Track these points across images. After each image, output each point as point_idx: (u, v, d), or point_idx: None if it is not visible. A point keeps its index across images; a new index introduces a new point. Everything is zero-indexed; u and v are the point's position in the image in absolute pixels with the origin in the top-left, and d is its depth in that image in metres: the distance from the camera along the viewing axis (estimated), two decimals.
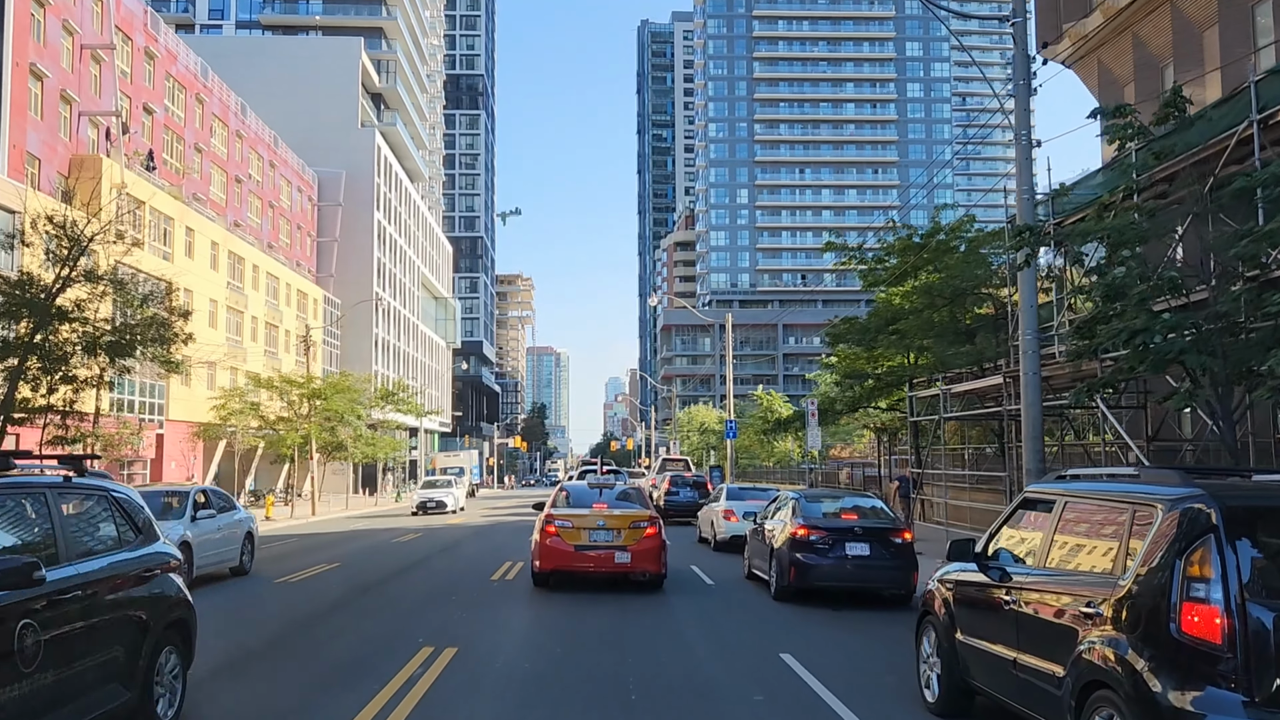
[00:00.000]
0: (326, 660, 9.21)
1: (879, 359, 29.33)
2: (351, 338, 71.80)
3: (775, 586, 13.48)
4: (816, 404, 28.49)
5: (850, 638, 10.88)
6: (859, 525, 13.13)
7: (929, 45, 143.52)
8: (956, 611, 7.19)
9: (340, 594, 14.05)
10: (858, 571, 12.81)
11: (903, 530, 13.28)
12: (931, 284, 22.82)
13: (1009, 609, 6.27)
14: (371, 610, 12.49)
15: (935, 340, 23.33)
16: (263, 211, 60.39)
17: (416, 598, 13.53)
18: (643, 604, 12.99)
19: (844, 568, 12.76)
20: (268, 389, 39.16)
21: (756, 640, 10.51)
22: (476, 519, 35.33)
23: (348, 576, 16.24)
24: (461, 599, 13.33)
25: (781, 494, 15.90)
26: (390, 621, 11.42)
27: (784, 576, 13.11)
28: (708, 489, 32.47)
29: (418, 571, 17.06)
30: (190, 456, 44.74)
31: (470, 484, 68.33)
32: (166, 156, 46.92)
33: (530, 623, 11.50)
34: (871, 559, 12.77)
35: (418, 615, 11.89)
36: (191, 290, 45.02)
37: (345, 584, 15.27)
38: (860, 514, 13.81)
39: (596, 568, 13.71)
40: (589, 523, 13.73)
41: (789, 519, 13.52)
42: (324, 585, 15.18)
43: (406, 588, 14.82)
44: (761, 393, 53.34)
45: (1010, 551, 6.78)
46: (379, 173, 75.73)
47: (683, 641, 10.34)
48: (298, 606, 12.93)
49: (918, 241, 26.53)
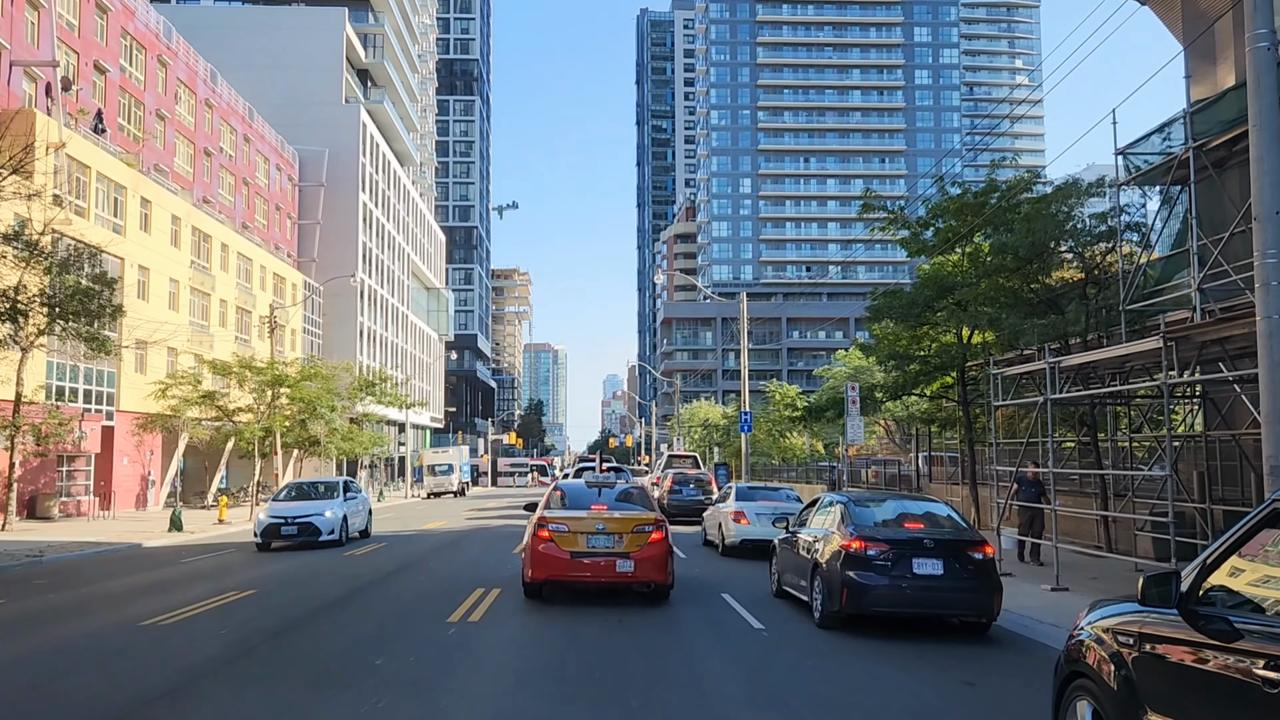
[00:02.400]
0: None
1: (924, 338, 25.14)
2: (335, 326, 67.58)
3: (821, 611, 11.02)
4: (858, 388, 24.41)
5: (933, 689, 8.06)
6: (928, 537, 10.74)
7: (938, 31, 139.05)
8: (1140, 680, 4.85)
9: (214, 652, 9.37)
10: (927, 595, 10.44)
11: (982, 544, 10.76)
12: (1007, 242, 18.63)
13: (1248, 683, 4.01)
14: (229, 695, 7.73)
15: (1009, 311, 19.12)
16: (236, 189, 56.11)
17: (321, 664, 8.92)
18: (656, 642, 9.91)
19: (910, 590, 10.39)
20: (222, 374, 34.78)
21: (827, 694, 7.74)
22: (459, 523, 31.07)
23: (245, 617, 11.62)
24: (393, 663, 8.84)
25: (821, 496, 13.16)
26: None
27: (832, 599, 10.74)
28: (713, 488, 30.39)
29: (348, 608, 12.46)
30: (145, 451, 40.47)
31: (459, 482, 64.09)
32: (123, 121, 42.64)
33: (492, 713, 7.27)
34: (945, 579, 10.41)
35: (303, 712, 7.25)
36: (148, 268, 40.79)
37: (234, 632, 10.58)
38: (927, 523, 11.41)
39: (595, 577, 12.22)
40: (587, 526, 12.28)
41: (836, 528, 11.21)
42: (202, 632, 10.64)
43: (315, 641, 10.25)
44: (774, 385, 49.41)
45: (1239, 592, 4.52)
46: (365, 152, 71.43)
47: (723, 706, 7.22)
48: (123, 683, 8.08)
49: (973, 200, 22.32)
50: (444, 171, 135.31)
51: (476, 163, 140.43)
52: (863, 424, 24.66)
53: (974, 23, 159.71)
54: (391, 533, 26.78)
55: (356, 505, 24.59)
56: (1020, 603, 12.55)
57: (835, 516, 11.54)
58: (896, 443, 50.70)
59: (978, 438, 24.55)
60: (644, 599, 12.79)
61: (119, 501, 38.87)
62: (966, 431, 24.12)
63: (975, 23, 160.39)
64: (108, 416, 37.45)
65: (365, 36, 78.92)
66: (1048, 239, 18.51)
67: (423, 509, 44.69)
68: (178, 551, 22.49)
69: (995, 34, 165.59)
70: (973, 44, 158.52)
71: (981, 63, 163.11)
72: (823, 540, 11.39)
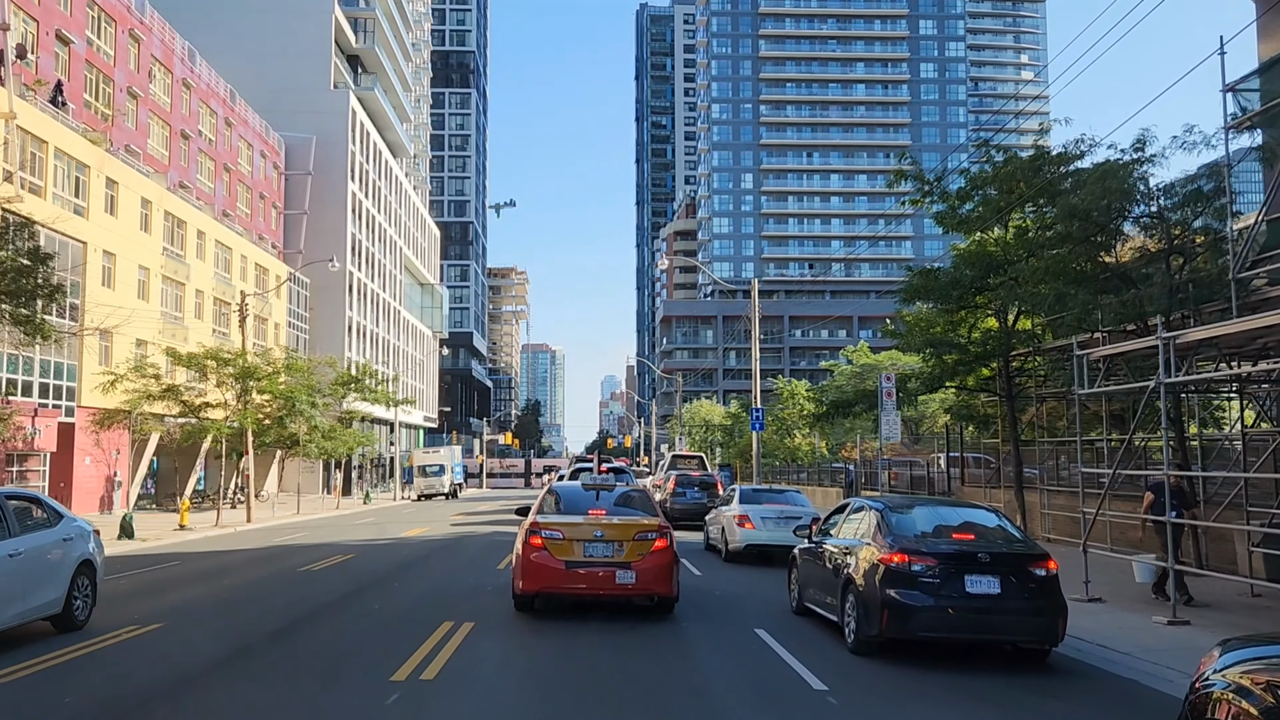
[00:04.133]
0: None
1: (962, 324, 22.43)
2: (322, 320, 64.84)
3: (856, 634, 9.72)
4: (895, 378, 21.75)
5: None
6: (982, 550, 9.44)
7: (943, 24, 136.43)
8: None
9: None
10: (982, 618, 9.16)
11: (1045, 558, 9.49)
12: (1076, 204, 15.89)
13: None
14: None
15: (1077, 287, 16.40)
16: (216, 175, 53.34)
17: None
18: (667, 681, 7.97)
19: (963, 612, 9.11)
20: (187, 366, 31.94)
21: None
22: (442, 530, 28.28)
23: (136, 665, 8.79)
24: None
25: (849, 501, 11.91)
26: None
27: (869, 622, 9.47)
28: (718, 490, 28.72)
29: (257, 660, 9.35)
30: (110, 450, 37.71)
31: (451, 483, 61.30)
32: (89, 97, 39.88)
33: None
34: (1004, 599, 9.15)
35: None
36: (114, 253, 38.03)
37: (103, 692, 7.84)
38: (979, 534, 10.00)
39: (592, 589, 11.22)
40: (584, 533, 11.30)
41: (872, 538, 9.97)
42: (51, 691, 7.98)
43: (210, 710, 7.42)
44: (782, 381, 46.76)
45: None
46: (354, 140, 68.68)
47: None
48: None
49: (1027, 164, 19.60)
50: (439, 165, 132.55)
51: (473, 157, 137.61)
52: (899, 419, 21.98)
53: (980, 17, 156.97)
54: (363, 542, 23.97)
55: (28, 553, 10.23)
56: (1081, 624, 10.71)
57: (869, 525, 10.27)
58: (904, 443, 48.05)
59: (1021, 435, 21.80)
60: (649, 622, 11.27)
61: (80, 504, 36.09)
62: (1011, 429, 21.40)
63: (981, 17, 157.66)
64: (67, 413, 34.67)
65: (355, 21, 76.16)
66: (1125, 201, 15.79)
67: (408, 512, 41.97)
68: (121, 563, 19.74)
69: (1001, 28, 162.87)
70: (978, 38, 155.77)
71: (987, 58, 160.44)
72: (855, 552, 10.12)
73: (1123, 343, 13.11)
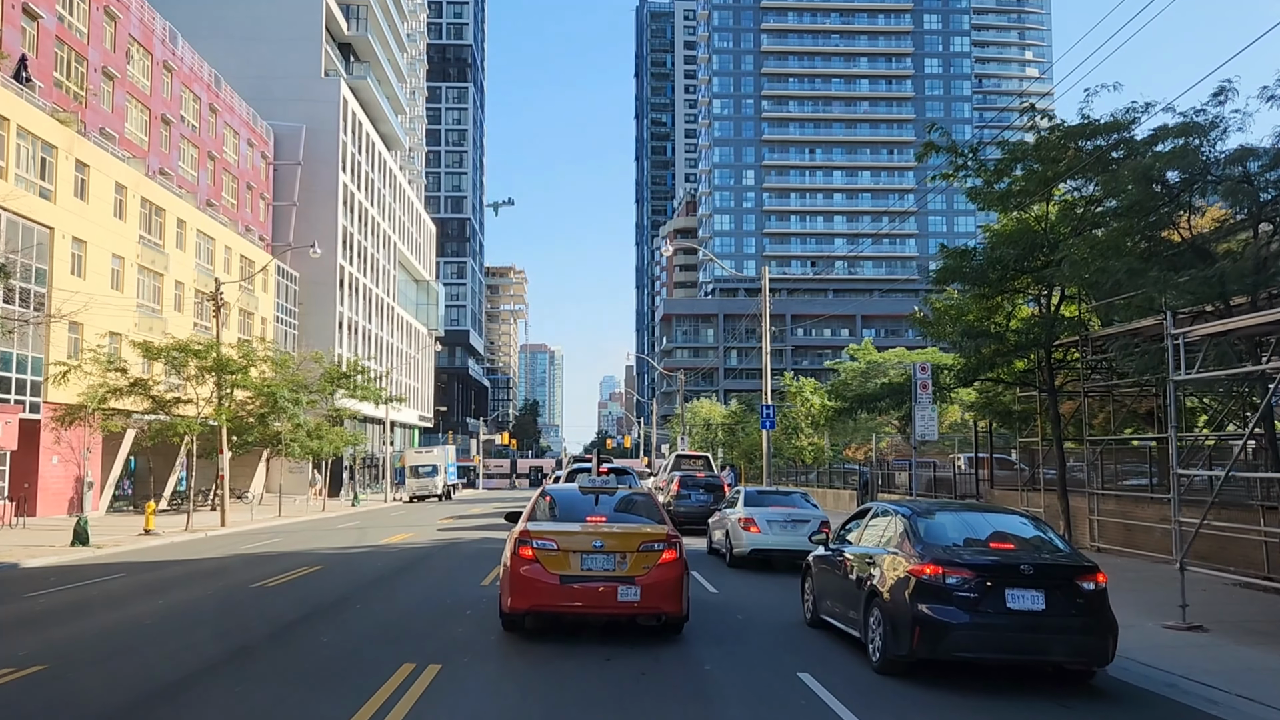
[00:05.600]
0: None
1: (998, 310, 20.33)
2: (312, 316, 62.65)
3: (882, 653, 8.86)
4: (930, 369, 19.65)
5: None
6: (1025, 562, 8.56)
7: (948, 18, 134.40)
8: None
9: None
10: (1025, 637, 8.28)
11: (1094, 570, 8.65)
12: (1152, 166, 13.79)
13: None
14: None
15: (1149, 264, 14.31)
16: (200, 163, 51.21)
17: None
18: None
19: (1004, 630, 8.25)
20: (154, 358, 29.77)
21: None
22: (428, 536, 26.08)
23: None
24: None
25: (870, 505, 11.01)
26: None
27: (898, 640, 8.59)
28: (724, 492, 27.24)
29: (171, 707, 7.40)
30: (81, 449, 35.53)
31: (445, 484, 59.13)
32: (59, 76, 37.74)
33: None
34: (1049, 616, 8.30)
35: None
36: (85, 240, 35.91)
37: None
38: (1019, 543, 9.17)
39: (590, 607, 9.93)
40: (581, 543, 10.05)
41: (899, 547, 9.21)
42: None
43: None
44: (789, 378, 44.72)
45: None
46: (346, 129, 66.52)
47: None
48: None
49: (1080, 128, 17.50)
50: (435, 161, 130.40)
51: (470, 152, 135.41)
52: (936, 414, 19.87)
53: (984, 12, 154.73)
54: (337, 550, 21.76)
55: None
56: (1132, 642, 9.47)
57: (895, 532, 9.49)
58: (910, 443, 45.92)
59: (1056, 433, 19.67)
60: (656, 643, 9.93)
61: (47, 506, 34.03)
62: (1054, 426, 19.30)
63: (985, 12, 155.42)
64: (31, 409, 32.54)
65: (347, 8, 73.99)
66: (1205, 164, 13.71)
67: (395, 515, 39.84)
68: (60, 575, 17.65)
69: (1005, 24, 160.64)
70: (983, 34, 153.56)
71: (992, 54, 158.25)
72: (880, 562, 9.35)
73: (1234, 319, 11.00)
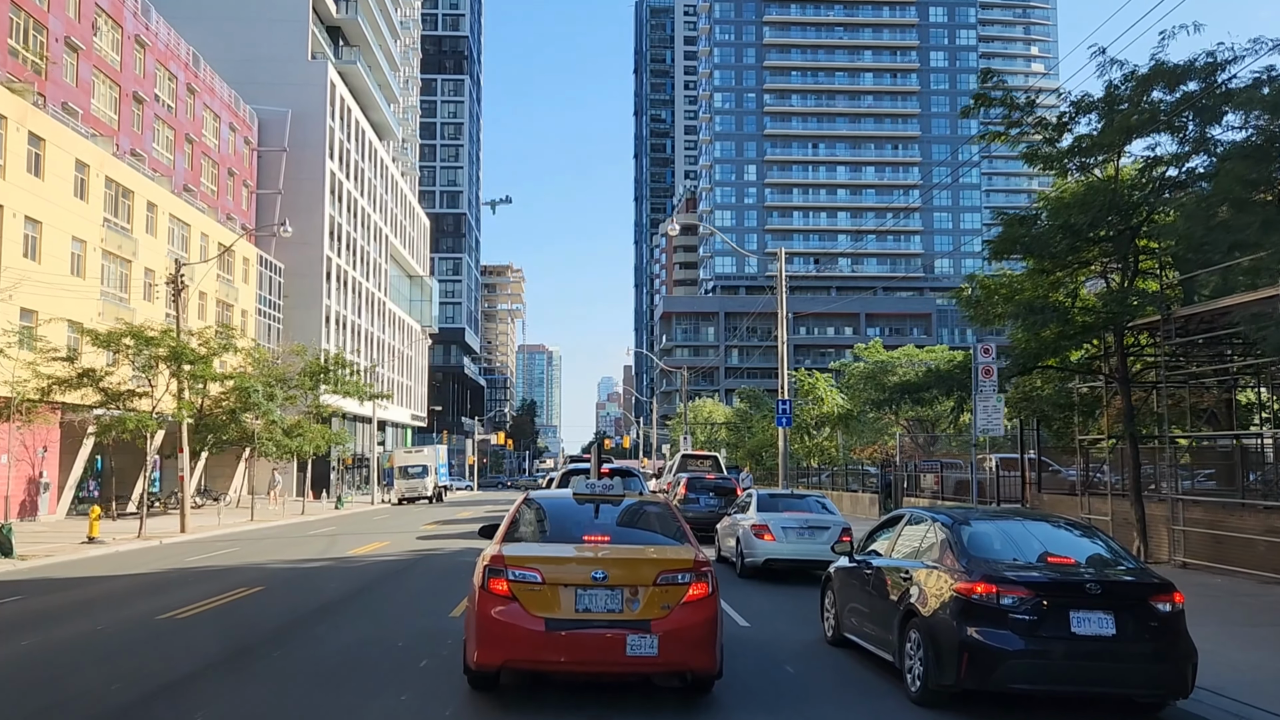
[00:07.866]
0: None
1: (1059, 285, 17.56)
2: (297, 309, 59.96)
3: (923, 682, 7.50)
4: (994, 350, 16.93)
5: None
6: (1091, 579, 7.27)
7: (954, 11, 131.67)
8: None
9: None
10: (1092, 666, 7.02)
11: (1170, 589, 7.28)
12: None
13: None
14: None
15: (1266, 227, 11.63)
16: (177, 145, 48.40)
17: None
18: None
19: (1067, 658, 7.01)
20: (105, 345, 26.95)
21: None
22: (403, 546, 23.16)
23: None
24: None
25: (903, 512, 9.58)
26: None
27: (943, 668, 7.32)
28: (736, 496, 24.18)
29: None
30: (35, 448, 32.77)
31: (435, 486, 56.30)
32: (14, 43, 34.95)
33: None
34: (1120, 642, 7.04)
35: None
36: (39, 220, 33.12)
37: None
38: (1080, 557, 7.73)
39: (589, 664, 6.85)
40: (576, 574, 6.99)
41: (940, 560, 7.87)
42: None
43: None
44: (803, 373, 42.18)
45: None
46: (334, 115, 63.74)
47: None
48: None
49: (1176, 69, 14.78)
50: (430, 155, 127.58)
51: (466, 146, 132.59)
52: (1002, 405, 17.11)
53: (990, 6, 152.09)
54: (291, 564, 18.83)
55: None
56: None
57: (934, 542, 8.32)
58: (919, 444, 43.31)
59: (1138, 427, 16.91)
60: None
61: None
62: (1127, 422, 16.51)
63: (991, 6, 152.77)
64: None
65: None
66: None
67: (378, 519, 37.03)
68: None
69: (1011, 19, 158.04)
70: (989, 29, 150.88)
71: (997, 49, 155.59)
72: (917, 577, 8.20)
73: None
